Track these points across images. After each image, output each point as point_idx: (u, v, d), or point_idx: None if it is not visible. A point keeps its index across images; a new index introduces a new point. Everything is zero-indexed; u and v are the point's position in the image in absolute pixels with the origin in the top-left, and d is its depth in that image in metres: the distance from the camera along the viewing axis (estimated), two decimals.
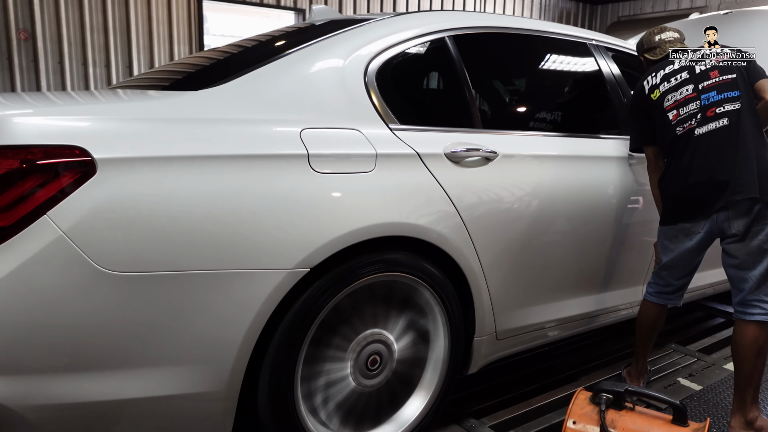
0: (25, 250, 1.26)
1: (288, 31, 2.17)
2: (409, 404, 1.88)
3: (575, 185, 2.17)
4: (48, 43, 5.58)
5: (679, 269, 2.21)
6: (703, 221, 2.08)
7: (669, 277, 2.24)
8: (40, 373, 1.32)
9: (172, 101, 1.54)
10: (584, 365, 2.70)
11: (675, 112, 2.13)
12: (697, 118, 2.07)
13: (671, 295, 2.28)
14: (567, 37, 2.42)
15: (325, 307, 1.60)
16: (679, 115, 2.11)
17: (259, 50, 1.92)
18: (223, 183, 1.43)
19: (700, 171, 2.06)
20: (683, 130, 2.10)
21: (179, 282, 1.39)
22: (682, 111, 2.11)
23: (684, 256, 2.17)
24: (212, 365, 1.46)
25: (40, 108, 1.44)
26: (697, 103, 2.08)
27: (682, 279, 2.24)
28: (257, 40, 2.08)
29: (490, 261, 1.93)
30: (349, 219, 1.57)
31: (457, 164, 1.85)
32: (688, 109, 2.10)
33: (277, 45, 1.90)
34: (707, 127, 2.05)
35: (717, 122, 2.04)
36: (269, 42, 1.99)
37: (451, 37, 2.02)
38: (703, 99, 2.07)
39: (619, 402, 1.59)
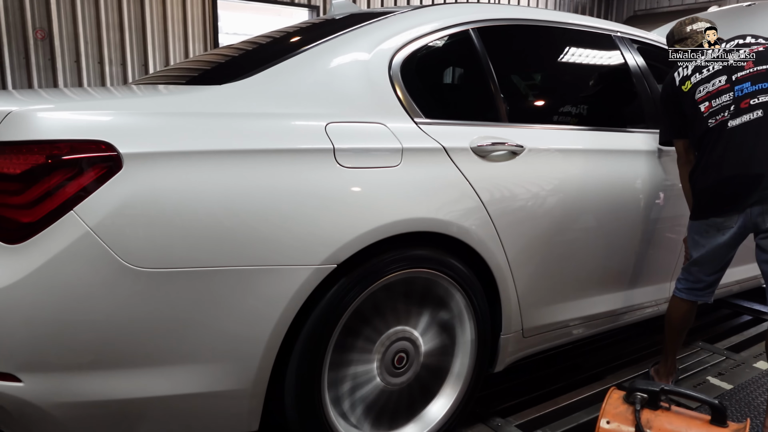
0: (52, 247, 1.24)
1: (309, 25, 2.15)
2: (435, 402, 1.85)
3: (603, 180, 2.12)
4: (65, 42, 5.62)
5: (711, 265, 2.16)
6: (736, 215, 2.02)
7: (700, 273, 2.19)
8: (67, 371, 1.31)
9: (197, 95, 1.52)
10: (609, 363, 2.65)
11: (707, 103, 2.07)
12: (730, 110, 2.01)
13: (702, 292, 2.22)
14: (592, 29, 2.37)
15: (352, 304, 1.57)
16: (712, 106, 2.05)
17: (281, 44, 1.89)
18: (249, 178, 1.40)
19: (733, 164, 2.00)
20: (716, 122, 2.04)
21: (205, 278, 1.36)
22: (715, 103, 2.05)
23: (716, 251, 2.12)
24: (238, 363, 1.44)
25: (64, 103, 1.43)
26: (730, 95, 2.02)
27: (713, 275, 2.18)
28: (278, 35, 2.05)
29: (517, 257, 1.89)
30: (376, 214, 1.54)
31: (483, 158, 1.81)
32: (720, 100, 2.04)
33: (299, 39, 1.87)
34: (741, 119, 1.99)
35: (751, 114, 1.98)
36: (291, 36, 1.96)
37: (475, 30, 1.98)
38: (736, 90, 2.01)
39: (654, 401, 1.54)
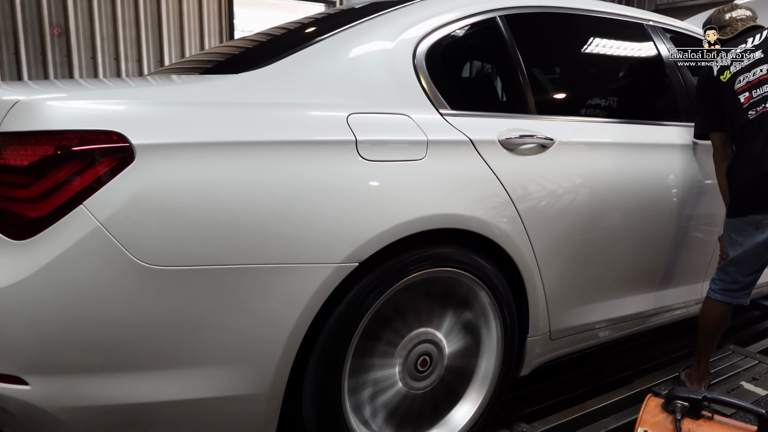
0: (61, 242, 1.18)
1: (328, 14, 2.07)
2: (460, 407, 1.76)
3: (635, 175, 2.02)
4: (81, 39, 5.61)
5: (748, 265, 2.05)
6: None
7: (736, 273, 2.08)
8: (75, 374, 1.24)
9: (212, 84, 1.45)
10: (637, 367, 2.54)
11: (747, 94, 1.96)
12: None
13: (738, 293, 2.11)
14: (623, 17, 2.27)
15: (374, 305, 1.49)
16: (752, 97, 1.95)
17: (300, 34, 1.82)
18: (268, 170, 1.33)
19: None
20: (756, 113, 1.93)
21: (221, 277, 1.29)
22: (756, 93, 1.94)
23: (754, 250, 2.01)
24: (255, 366, 1.37)
25: (74, 92, 1.37)
26: None
27: (750, 276, 2.07)
28: (296, 25, 1.98)
29: (546, 256, 1.80)
30: (401, 210, 1.46)
31: (511, 152, 1.72)
32: (762, 90, 1.93)
33: (319, 28, 1.79)
34: None
35: None
36: (309, 25, 1.89)
37: (502, 17, 1.88)
38: None
39: (696, 410, 1.45)
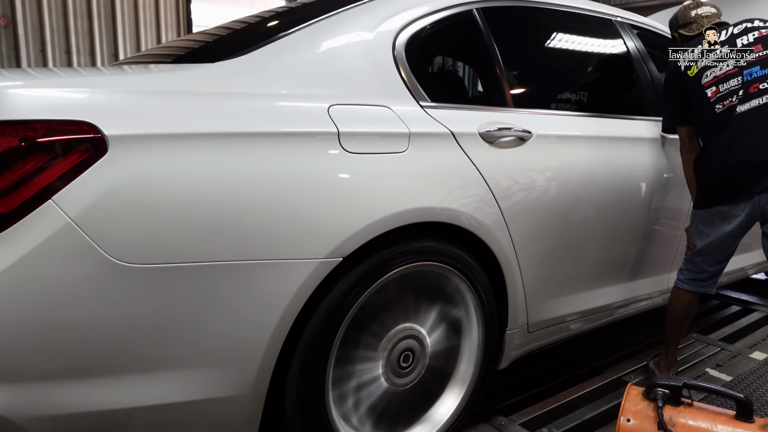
0: (28, 240, 1.10)
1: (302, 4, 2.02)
2: (442, 402, 1.75)
3: (609, 168, 2.05)
4: (29, 30, 5.35)
5: (715, 255, 2.11)
6: (743, 204, 1.97)
7: (703, 263, 2.14)
8: (44, 380, 1.16)
9: (188, 73, 1.39)
10: (608, 357, 2.60)
11: (714, 88, 2.01)
12: (738, 95, 1.96)
13: (704, 282, 2.17)
14: (594, 13, 2.30)
15: (358, 301, 1.46)
16: (719, 91, 2.00)
17: (275, 22, 1.76)
18: (249, 163, 1.27)
19: (741, 150, 1.95)
20: (723, 107, 1.99)
21: (200, 274, 1.23)
22: (722, 87, 1.99)
23: (720, 240, 2.07)
24: (236, 367, 1.31)
25: (41, 79, 1.28)
26: (738, 79, 1.97)
27: (717, 265, 2.13)
28: (270, 14, 1.92)
29: (525, 248, 1.80)
30: (386, 203, 1.43)
31: (491, 145, 1.71)
32: (728, 85, 1.98)
33: (295, 17, 1.74)
34: (750, 104, 1.94)
35: (760, 99, 1.93)
36: (285, 15, 1.83)
37: (479, 10, 1.88)
38: (745, 74, 1.96)
39: (676, 397, 1.48)
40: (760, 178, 1.91)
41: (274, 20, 1.82)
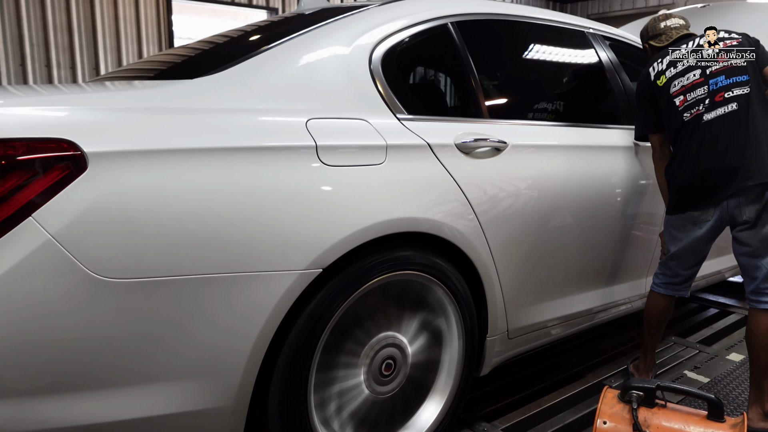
0: (8, 257, 1.11)
1: (280, 19, 2.05)
2: (424, 409, 1.77)
3: (584, 176, 2.10)
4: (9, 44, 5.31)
5: (688, 259, 2.17)
6: (713, 209, 2.03)
7: (677, 267, 2.19)
8: (25, 395, 1.17)
9: (167, 90, 1.41)
10: (589, 361, 2.64)
11: (682, 97, 2.08)
12: (705, 104, 2.02)
13: (679, 286, 2.23)
14: (567, 25, 2.36)
15: (338, 311, 1.49)
16: (687, 100, 2.06)
17: (253, 38, 1.79)
18: (227, 178, 1.30)
19: (708, 157, 2.01)
20: (690, 116, 2.05)
21: (181, 288, 1.25)
22: (690, 96, 2.06)
23: (693, 245, 2.13)
24: (218, 379, 1.33)
25: (20, 97, 1.29)
26: (704, 88, 2.03)
27: (690, 269, 2.19)
28: (249, 29, 1.95)
29: (502, 256, 1.84)
30: (364, 214, 1.46)
31: (467, 155, 1.75)
32: (695, 94, 2.05)
33: (273, 33, 1.77)
34: (716, 113, 2.00)
35: (726, 107, 1.99)
36: (263, 30, 1.87)
37: (453, 24, 1.92)
38: (711, 84, 2.03)
39: (650, 399, 1.51)
40: (728, 184, 1.97)
41: (254, 35, 1.85)
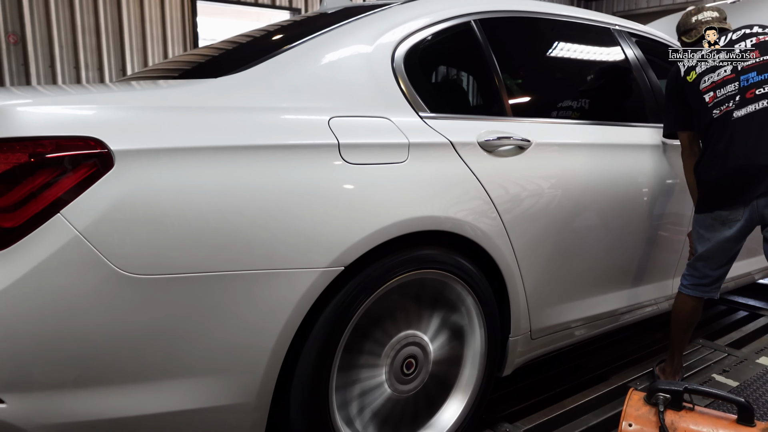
0: (37, 253, 1.13)
1: (303, 19, 2.06)
2: (446, 409, 1.76)
3: (608, 175, 2.07)
4: (38, 46, 5.44)
5: (716, 260, 2.12)
6: (743, 208, 1.99)
7: (705, 268, 2.14)
8: (53, 389, 1.19)
9: (191, 89, 1.42)
10: (613, 363, 2.59)
11: (712, 93, 2.03)
12: (735, 100, 1.97)
13: (708, 287, 2.18)
14: (592, 22, 2.33)
15: (360, 309, 1.48)
16: (716, 97, 2.01)
17: (276, 37, 1.80)
18: (251, 175, 1.31)
19: (738, 155, 1.96)
20: (720, 113, 2.00)
21: (205, 285, 1.26)
22: (720, 93, 2.01)
23: (721, 245, 2.08)
24: (241, 375, 1.34)
25: (48, 96, 1.32)
26: (735, 85, 1.98)
27: (719, 270, 2.14)
28: (272, 29, 1.96)
29: (525, 255, 1.82)
30: (386, 213, 1.46)
31: (490, 154, 1.74)
32: (725, 90, 2.00)
33: (295, 32, 1.78)
34: (746, 110, 1.95)
35: (757, 104, 1.94)
36: (286, 30, 1.88)
37: (477, 21, 1.91)
38: (742, 80, 1.98)
39: (677, 402, 1.48)
40: (758, 183, 1.93)
41: (277, 34, 1.86)
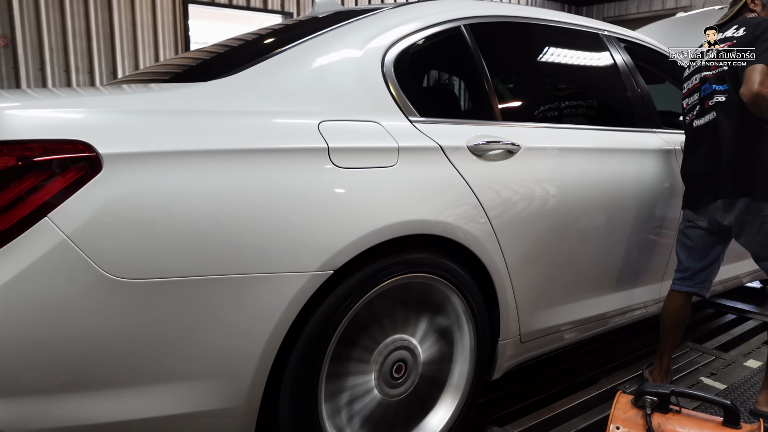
0: (24, 257, 1.13)
1: (294, 23, 2.07)
2: (435, 412, 1.76)
3: (596, 179, 2.09)
4: (29, 49, 5.41)
5: (695, 253, 2.17)
6: (703, 212, 2.07)
7: (687, 260, 2.20)
8: (40, 394, 1.19)
9: (181, 92, 1.42)
10: (602, 367, 2.61)
11: (686, 101, 2.11)
12: (696, 110, 2.05)
13: (691, 281, 2.20)
14: (581, 27, 2.35)
15: (349, 313, 1.49)
16: (688, 104, 2.10)
17: (267, 41, 1.81)
18: (241, 179, 1.31)
19: (696, 162, 2.07)
20: (689, 120, 2.09)
21: (194, 289, 1.26)
22: (690, 101, 2.10)
23: (695, 240, 2.16)
24: (230, 379, 1.33)
25: (37, 100, 1.31)
26: (697, 95, 2.05)
27: (698, 262, 2.18)
28: (263, 33, 1.97)
29: (515, 259, 1.83)
30: (375, 216, 1.46)
31: (480, 158, 1.75)
32: (692, 99, 2.08)
33: (286, 36, 1.79)
34: (703, 120, 2.02)
35: (709, 115, 2.00)
36: (276, 33, 1.88)
37: (467, 26, 1.92)
38: (702, 90, 2.02)
39: (664, 404, 1.49)
40: (707, 190, 2.01)
41: (268, 38, 1.86)
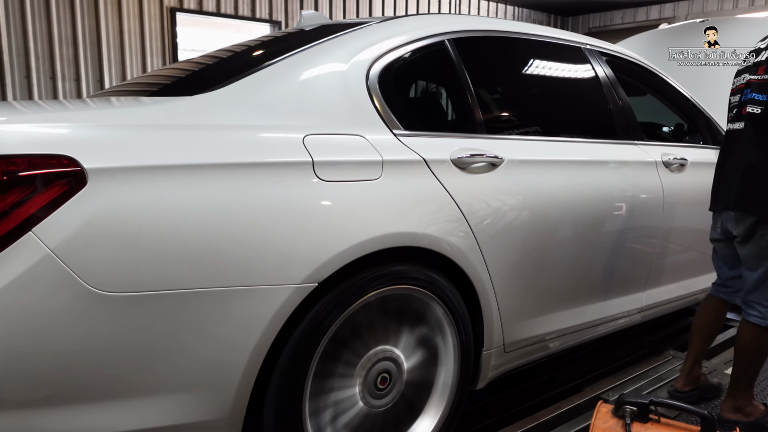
0: (8, 271, 1.13)
1: (280, 36, 2.09)
2: (419, 423, 1.78)
3: (580, 190, 2.12)
4: (14, 57, 5.38)
5: (726, 262, 2.15)
6: (716, 218, 2.07)
7: (719, 269, 2.20)
8: (23, 408, 1.19)
9: (166, 106, 1.44)
10: (586, 375, 2.64)
11: (731, 98, 1.99)
12: (733, 113, 1.97)
13: (723, 288, 2.20)
14: (564, 41, 2.39)
15: (333, 325, 1.50)
16: (731, 103, 1.99)
17: (253, 55, 1.83)
18: (224, 193, 1.32)
19: (721, 166, 2.02)
20: (728, 119, 2.00)
21: (178, 302, 1.27)
22: (733, 100, 1.98)
23: (721, 251, 2.15)
24: (214, 391, 1.34)
25: (22, 114, 1.32)
26: (739, 96, 1.95)
27: (731, 271, 2.15)
28: (249, 45, 1.98)
29: (498, 270, 1.85)
30: (359, 229, 1.48)
31: (463, 171, 1.78)
32: (734, 99, 1.97)
33: (272, 50, 1.81)
34: (736, 125, 1.95)
35: (741, 123, 1.92)
36: (262, 47, 1.90)
37: (450, 41, 1.95)
38: (745, 93, 1.91)
39: (644, 414, 1.52)
40: (722, 197, 2.00)
41: (254, 51, 1.88)
